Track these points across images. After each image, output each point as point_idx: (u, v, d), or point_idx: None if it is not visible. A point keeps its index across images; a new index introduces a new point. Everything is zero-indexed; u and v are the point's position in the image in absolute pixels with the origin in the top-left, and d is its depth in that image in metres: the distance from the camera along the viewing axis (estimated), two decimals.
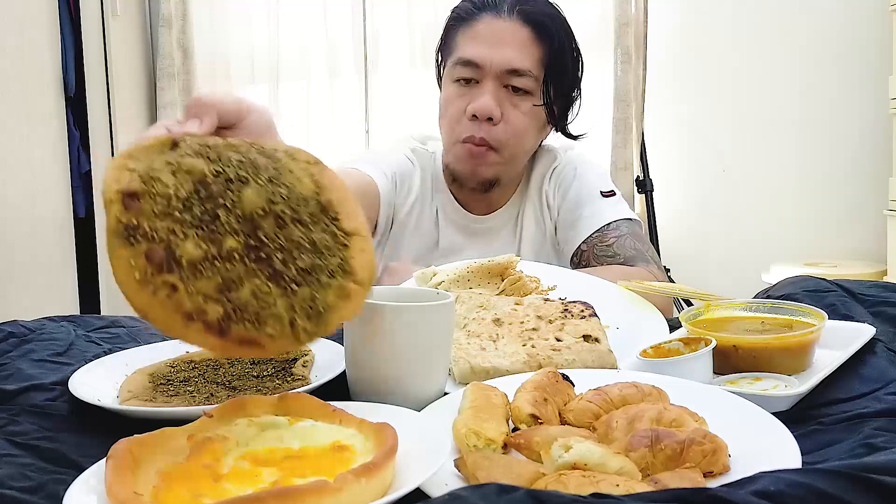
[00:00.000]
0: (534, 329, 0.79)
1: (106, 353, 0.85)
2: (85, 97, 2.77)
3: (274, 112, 3.22)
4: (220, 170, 0.58)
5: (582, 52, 1.32)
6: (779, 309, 0.81)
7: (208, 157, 0.58)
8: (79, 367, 0.77)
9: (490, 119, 1.21)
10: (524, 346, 0.77)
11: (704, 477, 0.50)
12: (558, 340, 0.77)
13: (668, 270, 2.76)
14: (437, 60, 1.33)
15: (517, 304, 0.85)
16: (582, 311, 0.82)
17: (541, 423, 0.59)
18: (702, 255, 2.92)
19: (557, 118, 1.30)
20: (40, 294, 2.50)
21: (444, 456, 0.51)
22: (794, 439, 0.54)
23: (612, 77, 2.79)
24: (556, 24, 1.25)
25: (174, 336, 0.52)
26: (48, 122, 2.59)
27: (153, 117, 3.25)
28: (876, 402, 0.63)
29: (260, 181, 0.58)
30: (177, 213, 0.55)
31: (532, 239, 1.34)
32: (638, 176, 2.82)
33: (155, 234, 0.53)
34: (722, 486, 0.45)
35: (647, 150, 2.83)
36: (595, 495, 0.43)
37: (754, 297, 0.94)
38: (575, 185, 1.32)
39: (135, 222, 0.53)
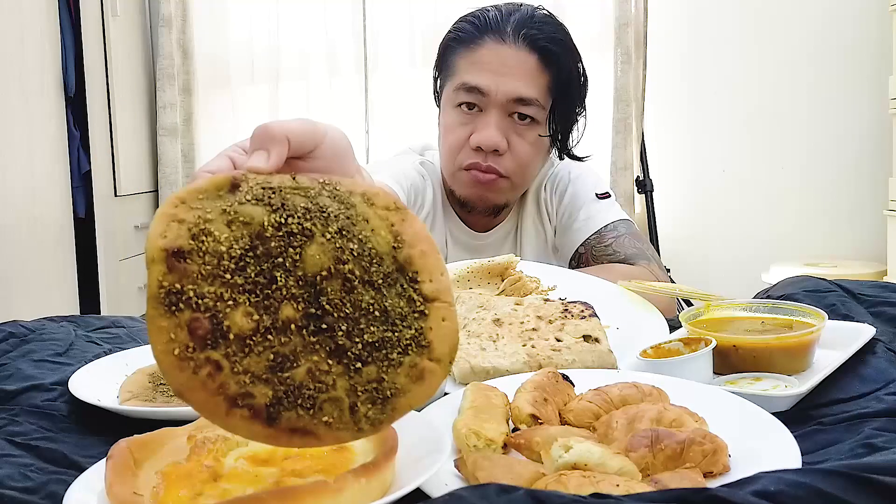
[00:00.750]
0: (534, 329, 0.79)
1: (106, 353, 0.85)
2: (85, 97, 2.77)
3: (274, 112, 3.24)
4: (283, 221, 0.48)
5: (583, 53, 1.30)
6: (779, 309, 0.81)
7: (270, 205, 0.49)
8: (79, 368, 0.77)
9: (495, 151, 1.18)
10: (524, 346, 0.77)
11: (704, 477, 0.50)
12: (558, 341, 0.77)
13: (668, 270, 2.76)
14: (434, 77, 1.30)
15: (517, 304, 0.84)
16: (582, 311, 0.82)
17: (541, 424, 0.59)
18: (702, 255, 2.92)
19: (562, 142, 1.27)
20: (40, 294, 2.50)
21: (444, 456, 0.50)
22: (794, 439, 0.54)
23: (612, 77, 2.79)
24: (562, 49, 1.21)
25: (215, 423, 0.45)
26: (48, 123, 2.59)
27: (153, 117, 3.25)
28: (876, 402, 0.63)
29: (328, 234, 0.49)
30: (227, 276, 0.46)
31: (533, 248, 1.34)
32: (638, 176, 2.82)
33: (200, 302, 0.45)
34: (722, 486, 0.45)
35: (647, 150, 2.83)
36: (595, 495, 0.43)
37: (754, 297, 0.94)
38: (570, 189, 1.32)
39: (178, 287, 0.45)
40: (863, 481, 0.42)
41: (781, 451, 0.53)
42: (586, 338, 0.78)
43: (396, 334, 0.48)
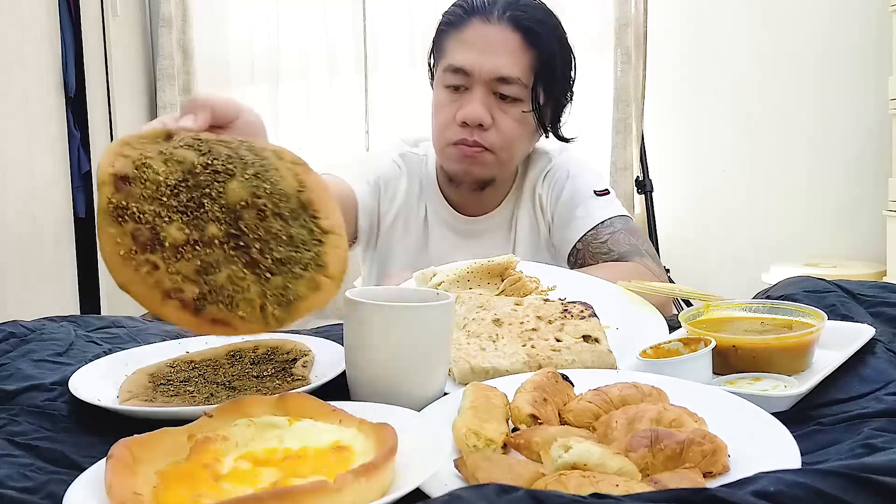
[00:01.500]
0: (533, 329, 0.79)
1: (106, 353, 0.85)
2: (85, 97, 2.77)
3: (274, 112, 3.24)
4: (209, 162, 0.62)
5: (580, 52, 1.32)
6: (778, 309, 0.81)
7: (199, 150, 0.62)
8: (79, 367, 0.77)
9: (480, 126, 1.21)
10: (524, 346, 0.77)
11: (704, 477, 0.50)
12: (558, 341, 0.77)
13: (667, 270, 2.76)
14: (429, 63, 1.34)
15: (517, 304, 0.85)
16: (582, 311, 0.82)
17: (540, 424, 0.59)
18: (702, 255, 2.92)
19: (549, 122, 1.30)
20: (40, 294, 2.50)
21: (444, 456, 0.51)
22: (793, 439, 0.54)
23: (612, 77, 2.80)
24: (546, 30, 1.24)
25: (151, 310, 0.56)
26: (48, 123, 2.59)
27: (153, 117, 3.25)
28: (876, 403, 0.63)
29: (246, 175, 0.62)
30: (164, 199, 0.59)
31: (527, 241, 1.34)
32: (638, 176, 2.82)
33: (142, 216, 0.57)
34: (722, 486, 0.45)
35: (647, 151, 2.83)
36: (595, 495, 0.43)
37: (754, 297, 0.94)
38: (568, 185, 1.33)
39: (124, 203, 0.57)
40: (862, 481, 0.42)
41: (781, 451, 0.53)
42: (586, 338, 0.78)
43: (299, 255, 0.60)
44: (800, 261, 2.63)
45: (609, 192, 1.33)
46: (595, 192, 1.31)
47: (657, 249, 2.78)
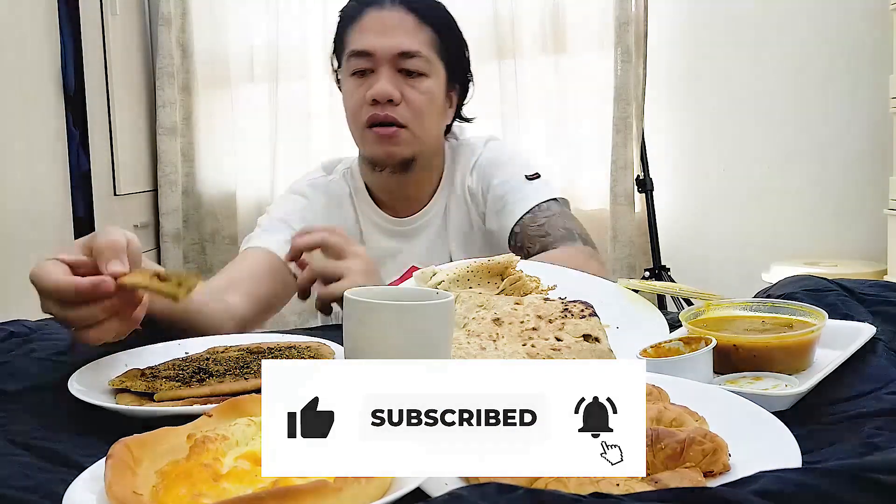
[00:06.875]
0: (534, 328, 0.79)
1: (106, 353, 0.85)
2: (84, 96, 2.77)
3: (274, 112, 3.23)
4: None
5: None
6: (779, 308, 0.81)
7: None
8: (79, 367, 0.77)
9: (391, 102, 1.24)
10: (524, 345, 0.77)
11: (705, 476, 0.50)
12: (558, 340, 0.77)
13: (667, 270, 2.76)
14: (332, 65, 1.38)
15: (517, 303, 0.84)
16: (582, 310, 0.82)
17: None
18: (702, 255, 2.92)
19: (456, 103, 1.35)
20: None
21: None
22: (794, 439, 0.54)
23: (612, 76, 2.79)
24: (438, 11, 1.31)
25: None
26: (47, 122, 2.58)
27: (152, 116, 3.25)
28: (876, 402, 0.63)
29: None
30: None
31: (459, 233, 1.37)
32: (638, 175, 2.81)
33: None
34: (722, 485, 0.45)
35: (647, 149, 2.82)
36: (595, 495, 0.43)
37: (755, 297, 0.94)
38: (498, 173, 1.35)
39: None
40: (863, 481, 0.42)
41: (781, 451, 0.53)
42: (586, 337, 0.78)
43: None
44: (800, 260, 2.63)
45: (539, 176, 1.35)
46: (526, 176, 1.34)
47: (657, 249, 2.78)
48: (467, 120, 1.41)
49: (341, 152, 1.51)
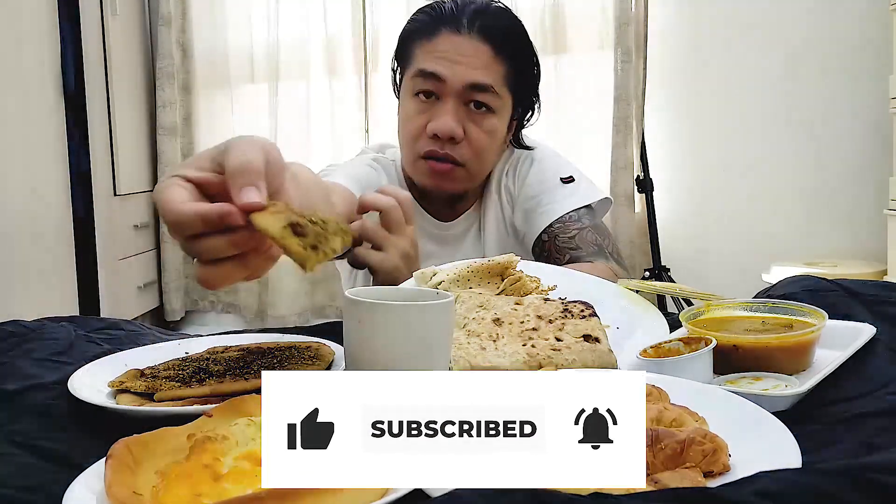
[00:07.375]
0: (534, 329, 0.79)
1: (106, 353, 0.85)
2: (84, 96, 2.77)
3: (273, 112, 3.23)
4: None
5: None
6: (779, 308, 0.81)
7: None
8: (79, 367, 0.77)
9: (452, 139, 1.19)
10: (524, 345, 0.77)
11: (705, 476, 0.50)
12: (558, 340, 0.77)
13: (667, 270, 2.76)
14: (392, 69, 1.32)
15: (517, 303, 0.84)
16: (582, 310, 0.82)
17: None
18: (702, 255, 2.92)
19: (516, 130, 1.31)
20: (40, 293, 2.50)
21: None
22: (794, 439, 0.54)
23: (612, 76, 2.79)
24: (516, 37, 1.23)
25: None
26: (47, 122, 2.58)
27: (152, 116, 3.25)
28: (876, 402, 0.63)
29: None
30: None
31: (495, 237, 1.34)
32: (638, 175, 2.82)
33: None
34: (722, 485, 0.45)
35: (647, 150, 2.83)
36: (594, 495, 0.43)
37: (754, 297, 0.94)
38: (533, 171, 1.32)
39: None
40: (863, 481, 0.42)
41: (781, 451, 0.53)
42: (586, 337, 0.78)
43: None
44: (800, 260, 2.63)
45: (574, 180, 1.32)
46: (561, 179, 1.30)
47: (657, 249, 2.78)
48: (528, 148, 1.35)
49: (341, 152, 1.51)
